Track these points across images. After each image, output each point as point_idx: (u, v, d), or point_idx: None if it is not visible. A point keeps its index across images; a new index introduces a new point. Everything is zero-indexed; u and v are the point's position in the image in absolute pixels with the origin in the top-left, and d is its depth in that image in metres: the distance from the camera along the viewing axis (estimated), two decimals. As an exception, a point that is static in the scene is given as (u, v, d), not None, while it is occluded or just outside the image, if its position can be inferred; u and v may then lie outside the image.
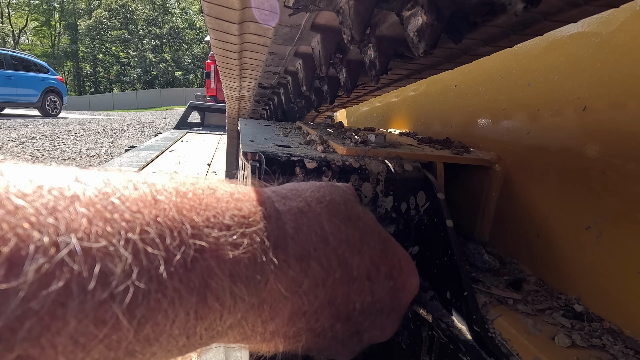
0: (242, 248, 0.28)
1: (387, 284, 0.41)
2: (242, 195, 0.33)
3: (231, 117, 2.31)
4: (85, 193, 0.22)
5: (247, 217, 0.30)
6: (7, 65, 12.23)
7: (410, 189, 0.72)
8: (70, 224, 0.20)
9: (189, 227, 0.25)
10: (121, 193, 0.24)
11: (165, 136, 6.40)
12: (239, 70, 1.13)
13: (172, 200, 0.26)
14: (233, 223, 0.29)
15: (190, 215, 0.26)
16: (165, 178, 0.29)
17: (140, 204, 0.24)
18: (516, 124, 0.86)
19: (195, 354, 0.29)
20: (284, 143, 0.83)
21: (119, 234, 0.22)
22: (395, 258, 0.44)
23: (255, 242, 0.29)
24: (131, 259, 0.22)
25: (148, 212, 0.24)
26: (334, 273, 0.36)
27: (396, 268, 0.43)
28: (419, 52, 0.48)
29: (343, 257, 0.37)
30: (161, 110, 28.37)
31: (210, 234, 0.27)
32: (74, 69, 46.62)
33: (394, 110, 1.59)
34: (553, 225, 0.73)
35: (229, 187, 0.33)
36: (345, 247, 0.37)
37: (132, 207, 0.24)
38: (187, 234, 0.25)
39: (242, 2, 0.60)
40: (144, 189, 0.26)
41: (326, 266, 0.35)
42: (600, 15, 0.67)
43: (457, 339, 0.55)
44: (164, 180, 0.28)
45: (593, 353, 0.51)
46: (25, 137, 7.78)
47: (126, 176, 0.26)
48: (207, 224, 0.27)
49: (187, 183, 0.30)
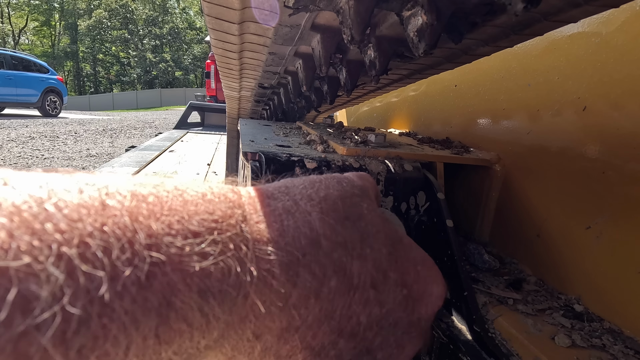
0: (212, 258, 0.24)
1: (400, 293, 0.35)
2: (216, 195, 0.28)
3: (231, 117, 2.31)
4: (10, 199, 0.19)
5: (220, 221, 0.26)
6: (7, 65, 12.25)
7: (410, 189, 0.72)
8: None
9: (143, 237, 0.22)
10: (60, 198, 0.20)
11: (165, 136, 6.41)
12: (239, 70, 1.13)
13: (126, 205, 0.22)
14: (202, 229, 0.25)
15: (147, 222, 0.23)
16: (124, 179, 0.25)
17: (83, 211, 0.20)
18: (516, 124, 0.86)
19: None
20: (284, 143, 0.83)
21: (50, 248, 0.18)
22: (408, 262, 0.38)
23: (228, 250, 0.25)
24: (63, 278, 0.18)
25: (92, 221, 0.20)
26: (329, 281, 0.31)
27: (410, 274, 0.37)
28: (419, 52, 0.48)
29: (339, 263, 0.32)
30: (161, 110, 28.39)
31: (173, 244, 0.23)
32: (74, 69, 46.66)
33: (394, 110, 1.59)
34: (553, 225, 0.73)
35: (202, 187, 0.28)
36: (342, 251, 0.32)
37: (72, 214, 0.20)
38: (142, 244, 0.21)
39: (242, 2, 0.60)
40: (90, 192, 0.22)
41: (319, 274, 0.30)
42: (600, 15, 0.67)
43: (457, 339, 0.55)
44: (120, 181, 0.24)
45: (593, 353, 0.51)
46: (25, 137, 7.78)
47: (73, 177, 0.23)
48: (169, 232, 0.23)
49: (149, 184, 0.26)
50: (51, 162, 5.69)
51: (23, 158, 5.79)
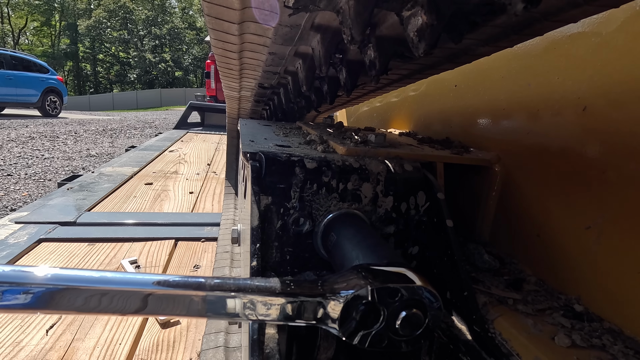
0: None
1: None
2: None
3: (231, 117, 2.31)
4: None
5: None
6: (7, 65, 12.23)
7: (410, 189, 0.72)
8: None
9: None
10: None
11: (165, 136, 6.41)
12: (239, 70, 1.13)
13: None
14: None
15: None
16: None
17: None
18: (516, 124, 0.86)
19: (195, 354, 0.25)
20: (284, 143, 0.83)
21: None
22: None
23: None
24: None
25: None
26: None
27: None
28: (419, 52, 0.48)
29: None
30: (161, 110, 28.38)
31: None
32: (74, 69, 46.62)
33: (394, 110, 1.59)
34: (553, 225, 0.73)
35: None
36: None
37: None
38: None
39: (242, 2, 0.60)
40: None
41: None
42: (600, 15, 0.67)
43: (457, 339, 0.55)
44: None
45: (593, 353, 0.51)
46: (26, 137, 7.78)
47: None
48: None
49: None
50: (51, 162, 5.69)
51: (23, 158, 5.78)
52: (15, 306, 0.38)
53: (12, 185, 4.31)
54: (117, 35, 42.35)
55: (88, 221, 2.31)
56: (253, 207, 0.67)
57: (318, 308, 0.46)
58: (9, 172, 4.87)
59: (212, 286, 0.44)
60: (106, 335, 1.31)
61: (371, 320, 0.47)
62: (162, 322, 1.39)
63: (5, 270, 0.39)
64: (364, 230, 0.65)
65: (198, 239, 2.20)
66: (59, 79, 14.14)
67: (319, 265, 0.73)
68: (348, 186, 0.70)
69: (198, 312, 0.44)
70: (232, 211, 2.33)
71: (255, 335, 0.55)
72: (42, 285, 0.39)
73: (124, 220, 2.38)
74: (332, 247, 0.66)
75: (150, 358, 1.24)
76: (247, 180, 0.76)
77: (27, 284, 0.39)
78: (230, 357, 1.10)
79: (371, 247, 0.57)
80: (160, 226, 2.35)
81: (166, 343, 1.31)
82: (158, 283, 0.43)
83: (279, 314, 0.46)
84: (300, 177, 0.67)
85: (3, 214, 3.38)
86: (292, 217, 0.70)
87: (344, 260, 0.59)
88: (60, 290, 0.39)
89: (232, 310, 0.45)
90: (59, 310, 0.40)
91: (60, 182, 3.26)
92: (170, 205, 2.82)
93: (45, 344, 1.25)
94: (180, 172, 3.92)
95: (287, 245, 0.71)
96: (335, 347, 0.71)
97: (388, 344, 0.49)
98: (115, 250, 2.00)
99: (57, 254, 1.91)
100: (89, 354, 1.22)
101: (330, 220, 0.70)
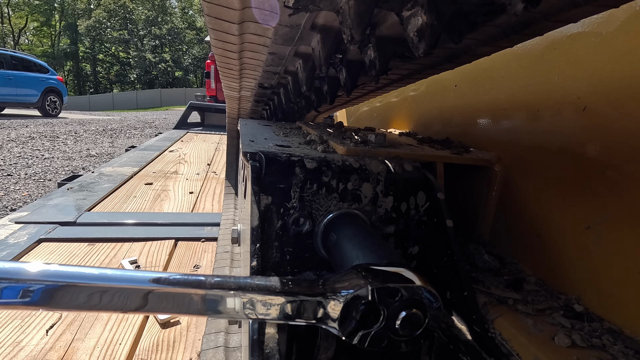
0: None
1: None
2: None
3: (231, 117, 2.31)
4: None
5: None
6: (7, 65, 12.23)
7: (410, 189, 0.72)
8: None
9: None
10: None
11: (165, 136, 6.41)
12: (239, 70, 1.13)
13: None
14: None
15: None
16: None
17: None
18: (516, 124, 0.86)
19: (195, 354, 0.26)
20: (284, 143, 0.83)
21: None
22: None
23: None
24: None
25: None
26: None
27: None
28: (419, 52, 0.48)
29: None
30: (161, 110, 28.38)
31: None
32: (74, 69, 46.61)
33: (394, 110, 1.59)
34: (553, 225, 0.73)
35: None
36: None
37: None
38: None
39: (242, 2, 0.60)
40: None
41: None
42: (600, 15, 0.67)
43: (457, 339, 0.55)
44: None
45: (593, 353, 0.51)
46: (26, 137, 7.78)
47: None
48: None
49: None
50: (51, 162, 5.69)
51: (23, 158, 5.78)
52: (15, 303, 0.38)
53: (12, 185, 4.31)
54: (117, 35, 42.35)
55: (88, 221, 2.32)
56: (253, 207, 0.67)
57: (318, 307, 0.46)
58: (9, 172, 4.87)
59: (212, 284, 0.44)
60: (106, 335, 1.31)
61: (371, 320, 0.47)
62: (162, 322, 1.39)
63: (6, 267, 0.39)
64: (364, 230, 0.65)
65: (198, 239, 2.20)
66: (59, 79, 14.14)
67: (319, 265, 0.73)
68: (348, 186, 0.70)
69: (198, 310, 0.44)
70: (232, 211, 2.33)
71: (255, 335, 0.55)
72: (42, 282, 0.39)
73: (124, 220, 2.38)
74: (332, 247, 0.66)
75: (150, 358, 1.24)
76: (247, 180, 0.76)
77: (28, 281, 0.39)
78: (230, 357, 1.10)
79: (371, 247, 0.57)
80: (160, 226, 2.35)
81: (166, 343, 1.31)
82: (158, 281, 0.43)
83: (279, 313, 0.46)
84: (300, 177, 0.67)
85: (3, 214, 3.38)
86: (292, 217, 0.70)
87: (343, 260, 0.59)
88: (60, 287, 0.39)
89: (232, 309, 0.45)
90: (59, 307, 0.40)
91: (60, 182, 3.26)
92: (170, 205, 2.82)
93: (45, 344, 1.25)
94: (180, 172, 3.92)
95: (287, 245, 0.71)
96: (335, 347, 0.71)
97: (388, 343, 0.49)
98: (115, 250, 2.00)
99: (57, 254, 1.91)
100: (89, 354, 1.22)
101: (330, 220, 0.70)
